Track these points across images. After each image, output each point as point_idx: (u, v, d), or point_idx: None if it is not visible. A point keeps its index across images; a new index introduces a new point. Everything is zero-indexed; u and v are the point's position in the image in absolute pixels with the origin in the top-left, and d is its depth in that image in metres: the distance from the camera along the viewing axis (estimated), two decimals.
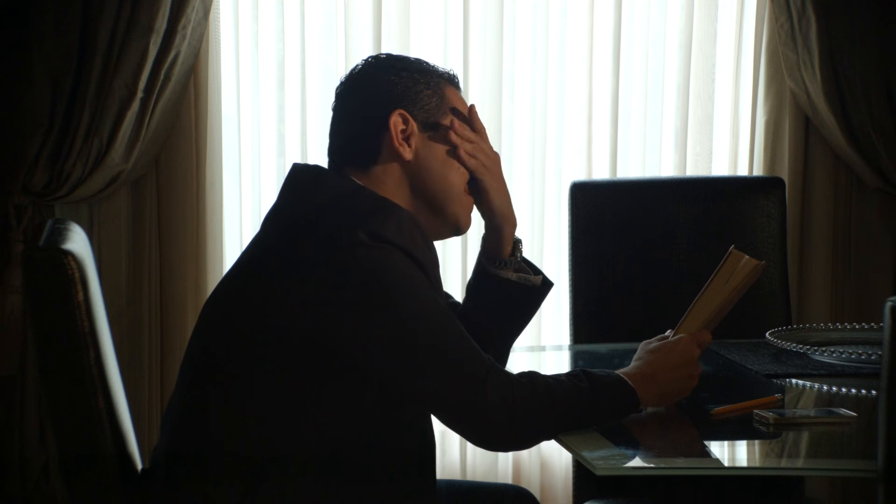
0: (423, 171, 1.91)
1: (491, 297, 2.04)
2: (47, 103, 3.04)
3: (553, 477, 3.42)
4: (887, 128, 3.25)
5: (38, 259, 1.76)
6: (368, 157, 1.91)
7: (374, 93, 1.91)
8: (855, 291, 3.40)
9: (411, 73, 1.92)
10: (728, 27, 3.38)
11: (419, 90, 1.92)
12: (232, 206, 3.29)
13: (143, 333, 3.21)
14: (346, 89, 1.95)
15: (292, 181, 1.92)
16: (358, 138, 1.92)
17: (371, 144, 1.90)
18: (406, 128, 1.90)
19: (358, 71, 1.95)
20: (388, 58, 1.97)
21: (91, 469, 1.81)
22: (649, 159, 3.38)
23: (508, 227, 2.02)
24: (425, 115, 1.91)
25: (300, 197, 1.87)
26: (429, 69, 1.95)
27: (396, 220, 1.81)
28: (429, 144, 1.92)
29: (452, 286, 3.28)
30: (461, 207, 1.96)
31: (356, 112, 1.93)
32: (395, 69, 1.93)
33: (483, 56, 3.30)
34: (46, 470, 3.15)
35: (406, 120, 1.90)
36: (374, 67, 1.94)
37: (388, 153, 1.90)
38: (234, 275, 1.89)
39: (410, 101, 1.91)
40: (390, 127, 1.89)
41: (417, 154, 1.91)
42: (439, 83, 1.94)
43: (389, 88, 1.91)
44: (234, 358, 1.79)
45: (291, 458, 1.77)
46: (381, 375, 1.78)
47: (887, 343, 1.63)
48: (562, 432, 1.84)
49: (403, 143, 1.90)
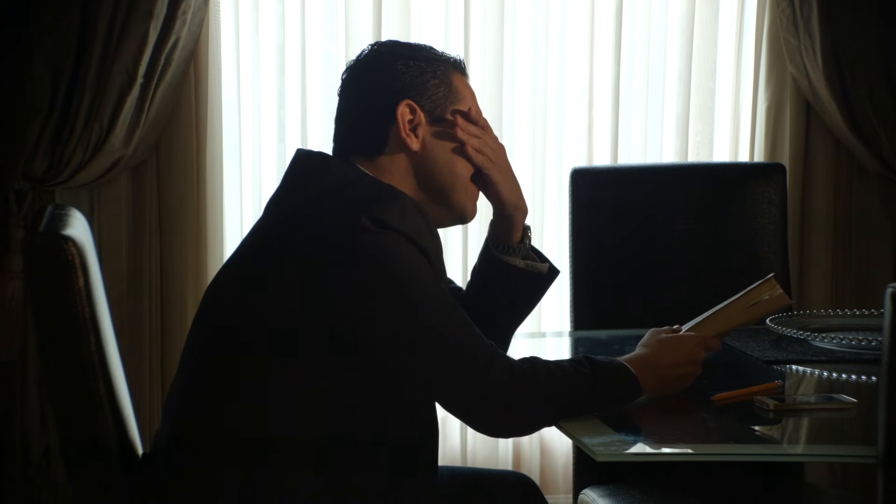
0: (430, 161, 1.91)
1: (497, 284, 2.03)
2: (47, 89, 3.04)
3: (553, 463, 3.43)
4: (888, 113, 3.24)
5: (39, 245, 1.76)
6: (374, 146, 1.90)
7: (381, 81, 1.91)
8: (855, 277, 3.40)
9: (418, 62, 1.92)
10: (729, 13, 3.38)
11: (426, 80, 1.91)
12: (232, 191, 3.29)
13: (143, 319, 3.21)
14: (352, 76, 1.95)
15: (296, 167, 1.91)
16: (364, 127, 1.91)
17: (377, 133, 1.90)
18: (413, 118, 1.89)
19: (364, 57, 1.94)
20: (395, 45, 1.96)
21: (92, 454, 1.82)
22: (650, 145, 3.38)
23: (519, 215, 2.02)
24: (432, 105, 1.91)
25: (304, 183, 1.87)
26: (436, 57, 1.94)
27: (400, 207, 1.81)
28: (436, 134, 1.91)
29: (452, 272, 3.28)
30: (467, 197, 1.96)
31: (362, 100, 1.92)
32: (403, 57, 1.92)
33: (484, 42, 3.29)
34: (48, 455, 3.15)
35: (413, 110, 1.89)
36: (381, 55, 1.93)
37: (394, 143, 1.90)
38: (237, 260, 1.89)
39: (418, 91, 1.90)
40: (398, 117, 1.88)
41: (424, 145, 1.90)
42: (446, 71, 1.94)
43: (397, 77, 1.90)
44: (237, 343, 1.79)
45: (293, 443, 1.77)
46: (385, 361, 1.78)
47: (887, 329, 1.63)
48: (563, 418, 1.84)
49: (410, 133, 1.89)
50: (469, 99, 1.96)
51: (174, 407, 1.86)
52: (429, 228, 1.85)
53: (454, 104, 1.93)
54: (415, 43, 1.98)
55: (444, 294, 1.81)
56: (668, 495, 2.37)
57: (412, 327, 1.77)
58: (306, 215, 1.81)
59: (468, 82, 1.98)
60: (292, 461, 1.78)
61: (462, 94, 1.94)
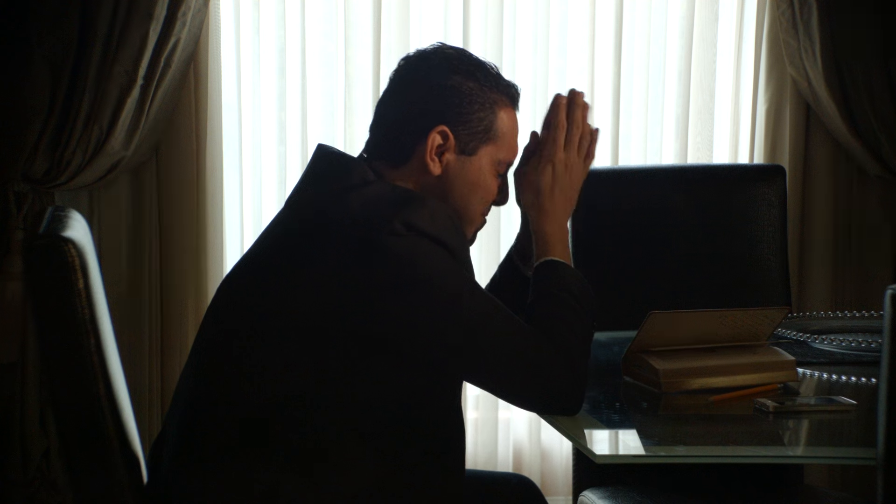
0: (447, 187, 1.90)
1: (518, 296, 2.00)
2: (47, 90, 3.04)
3: (553, 465, 3.43)
4: (888, 115, 3.25)
5: (39, 246, 1.76)
6: (399, 156, 1.90)
7: (426, 97, 1.89)
8: (855, 279, 3.40)
9: (471, 87, 1.89)
10: (729, 14, 3.38)
11: (472, 110, 1.89)
12: (232, 193, 3.29)
13: (143, 320, 3.21)
14: (405, 75, 1.92)
15: (320, 164, 1.90)
16: (395, 133, 1.90)
17: (405, 145, 1.89)
18: (443, 144, 1.88)
19: (422, 60, 1.92)
20: (459, 57, 1.92)
21: (92, 455, 1.82)
22: (650, 147, 3.38)
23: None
24: (468, 137, 1.89)
25: (329, 181, 1.85)
26: (490, 84, 1.91)
27: (430, 211, 1.80)
28: (460, 165, 1.90)
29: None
30: (471, 227, 1.95)
31: (404, 105, 1.91)
32: (460, 74, 1.89)
33: (484, 43, 3.29)
34: (48, 456, 3.15)
35: (446, 137, 1.88)
36: (437, 66, 1.90)
37: (417, 161, 1.89)
38: (259, 255, 1.88)
39: (458, 119, 1.88)
40: (428, 140, 1.88)
41: (446, 171, 1.89)
42: (496, 104, 1.91)
43: (444, 98, 1.88)
44: (261, 339, 1.78)
45: (319, 443, 1.77)
46: (431, 363, 1.79)
47: (887, 331, 1.63)
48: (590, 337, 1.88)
49: (435, 158, 1.89)
50: (508, 137, 1.93)
51: (188, 401, 1.84)
52: (456, 231, 1.84)
53: (489, 143, 1.91)
54: (479, 60, 1.93)
55: (476, 288, 1.80)
56: (667, 497, 2.37)
57: (449, 327, 1.77)
58: (335, 216, 1.80)
59: (517, 114, 1.95)
60: (318, 461, 1.77)
61: (501, 133, 1.91)
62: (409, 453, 1.80)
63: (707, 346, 2.04)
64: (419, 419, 1.81)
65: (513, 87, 1.94)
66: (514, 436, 3.41)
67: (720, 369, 1.99)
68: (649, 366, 1.98)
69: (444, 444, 1.85)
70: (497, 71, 1.93)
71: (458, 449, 1.88)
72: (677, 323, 2.02)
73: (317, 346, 1.76)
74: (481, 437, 3.38)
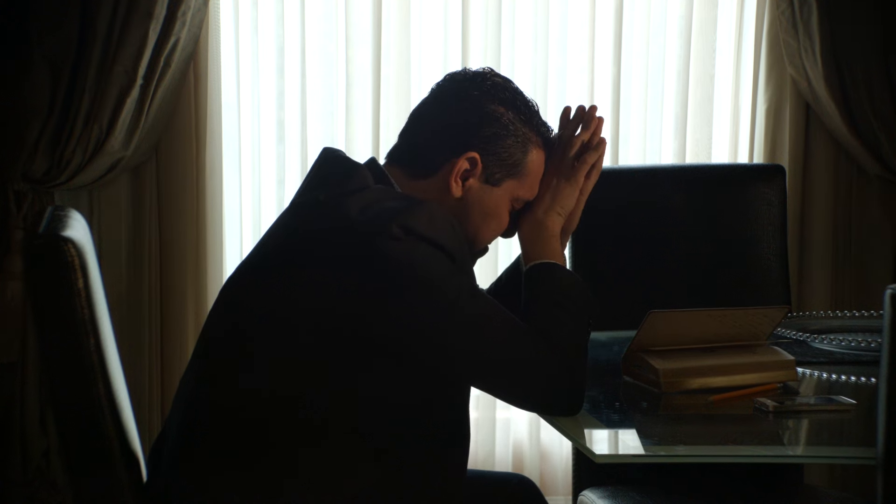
0: (464, 210, 1.91)
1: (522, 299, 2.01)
2: (47, 90, 3.04)
3: (553, 464, 3.43)
4: (888, 115, 3.25)
5: (38, 246, 1.76)
6: (422, 170, 1.90)
7: (466, 116, 1.89)
8: (855, 279, 3.40)
9: (510, 119, 1.90)
10: (729, 14, 3.38)
11: (507, 143, 1.90)
12: (232, 192, 3.29)
13: (143, 320, 3.21)
14: (447, 91, 1.93)
15: (324, 167, 1.90)
16: (425, 147, 1.91)
17: (432, 161, 1.90)
18: (470, 170, 1.89)
19: (468, 80, 1.92)
20: (503, 86, 1.92)
21: (92, 454, 1.82)
22: (649, 147, 3.38)
23: (565, 238, 2.04)
24: (495, 167, 1.90)
25: (331, 185, 1.86)
26: (529, 120, 1.92)
27: (428, 214, 1.80)
28: (482, 193, 1.91)
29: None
30: (480, 246, 1.97)
31: (440, 121, 1.91)
32: (502, 103, 1.89)
33: (484, 43, 3.29)
34: (47, 455, 3.15)
35: (475, 164, 1.89)
36: (482, 90, 1.90)
37: (440, 180, 1.90)
38: (261, 257, 1.88)
39: (490, 148, 1.89)
40: (457, 162, 1.88)
41: (466, 196, 1.90)
42: (529, 142, 1.91)
43: (481, 124, 1.89)
44: (263, 341, 1.78)
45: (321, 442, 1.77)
46: (430, 365, 1.79)
47: (887, 331, 1.63)
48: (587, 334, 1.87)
49: (459, 181, 1.89)
50: (533, 176, 1.94)
51: (188, 401, 1.84)
52: (455, 234, 1.83)
53: (514, 178, 1.92)
54: (524, 94, 1.94)
55: (476, 290, 1.81)
56: (667, 496, 2.37)
57: (448, 329, 1.77)
58: (336, 220, 1.80)
59: (545, 159, 1.96)
60: (318, 461, 1.77)
61: (528, 171, 1.92)
62: (409, 454, 1.80)
63: (707, 346, 2.04)
64: (419, 420, 1.81)
65: (550, 129, 1.96)
66: (513, 435, 3.41)
67: (720, 369, 1.99)
68: (649, 365, 1.98)
69: (445, 444, 1.85)
70: (538, 109, 1.94)
71: (460, 449, 1.88)
72: (677, 322, 2.02)
73: (317, 348, 1.76)
74: (481, 436, 3.38)
